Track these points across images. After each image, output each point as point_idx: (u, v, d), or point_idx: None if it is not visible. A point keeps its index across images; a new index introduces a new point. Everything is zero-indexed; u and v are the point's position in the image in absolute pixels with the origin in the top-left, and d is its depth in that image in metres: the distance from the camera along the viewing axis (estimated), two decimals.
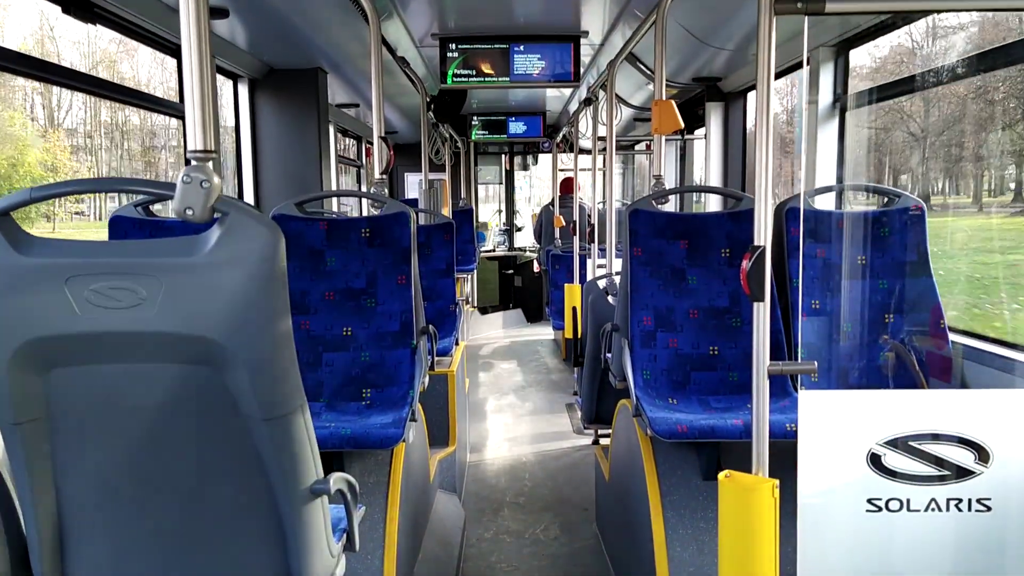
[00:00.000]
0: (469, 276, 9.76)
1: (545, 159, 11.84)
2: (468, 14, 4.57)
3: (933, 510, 1.74)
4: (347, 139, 8.17)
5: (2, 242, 1.32)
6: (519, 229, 12.03)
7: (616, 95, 4.83)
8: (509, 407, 6.50)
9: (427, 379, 3.22)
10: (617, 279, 4.05)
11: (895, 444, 1.73)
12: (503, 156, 11.62)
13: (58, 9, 2.96)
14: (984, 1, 2.11)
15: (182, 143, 4.73)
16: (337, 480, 1.67)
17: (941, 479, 1.73)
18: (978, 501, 1.73)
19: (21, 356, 1.35)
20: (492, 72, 5.03)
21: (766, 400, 1.84)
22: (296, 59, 4.87)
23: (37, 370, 1.38)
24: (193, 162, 1.39)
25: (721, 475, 1.82)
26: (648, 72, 5.34)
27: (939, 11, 3.09)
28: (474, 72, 5.03)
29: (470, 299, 10.23)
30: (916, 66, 3.83)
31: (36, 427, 1.44)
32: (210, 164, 1.38)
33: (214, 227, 1.34)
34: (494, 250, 11.66)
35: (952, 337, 2.98)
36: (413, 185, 10.63)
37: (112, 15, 3.22)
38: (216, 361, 1.37)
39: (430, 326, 3.26)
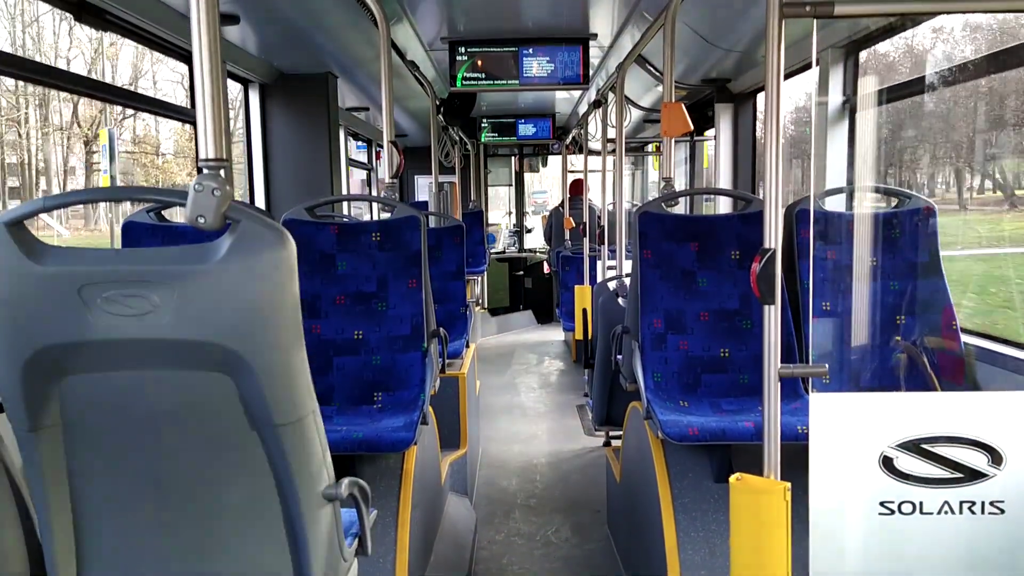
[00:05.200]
0: (479, 278, 9.77)
1: (555, 161, 11.86)
2: (477, 17, 4.58)
3: (946, 513, 1.73)
4: (357, 142, 8.20)
5: (16, 250, 1.33)
6: (529, 231, 12.04)
7: (625, 97, 4.82)
8: (520, 409, 6.50)
9: (438, 382, 3.22)
10: (627, 281, 4.05)
11: (907, 447, 1.72)
12: (513, 158, 11.63)
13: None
14: (994, 2, 2.09)
15: None
16: (349, 484, 1.67)
17: (954, 482, 1.73)
18: (991, 504, 1.73)
19: (35, 363, 1.37)
20: (501, 75, 5.04)
21: (777, 403, 1.83)
22: (306, 64, 4.89)
23: (51, 377, 1.40)
24: (205, 170, 1.40)
25: (732, 478, 1.82)
26: (657, 74, 5.33)
27: (948, 12, 3.08)
28: (483, 75, 5.04)
29: (480, 301, 10.24)
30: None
31: (51, 434, 1.45)
32: (222, 172, 1.39)
33: (226, 234, 1.35)
34: (504, 252, 11.67)
35: (964, 338, 2.96)
36: (423, 188, 10.64)
37: (124, 22, 3.24)
38: (228, 367, 1.38)
39: (441, 329, 3.26)
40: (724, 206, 5.87)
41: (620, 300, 4.40)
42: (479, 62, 5.01)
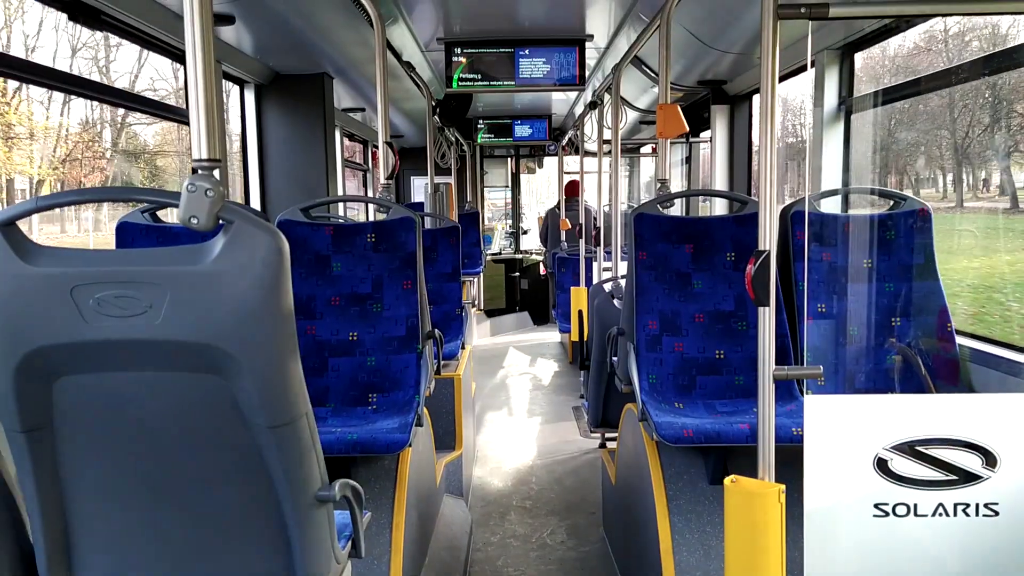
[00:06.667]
0: (475, 279, 9.76)
1: (550, 162, 11.87)
2: (473, 18, 4.58)
3: (940, 515, 1.73)
4: (353, 143, 8.19)
5: (8, 251, 1.33)
6: (525, 232, 12.05)
7: (621, 98, 4.83)
8: (515, 410, 6.50)
9: (433, 383, 3.22)
10: (623, 283, 4.04)
11: (902, 449, 1.72)
12: (509, 159, 11.64)
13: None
14: (989, 4, 2.09)
15: None
16: (342, 486, 1.67)
17: (948, 484, 1.73)
18: (985, 506, 1.73)
19: (27, 365, 1.36)
20: (498, 76, 5.04)
21: (772, 404, 1.83)
22: (302, 64, 4.89)
23: (43, 378, 1.39)
24: (198, 171, 1.39)
25: (727, 480, 1.82)
26: (653, 75, 5.34)
27: (943, 15, 3.08)
28: (480, 76, 5.04)
29: (476, 302, 10.24)
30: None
31: (43, 435, 1.44)
32: (215, 173, 1.39)
33: (219, 235, 1.34)
34: (500, 253, 11.67)
35: (959, 340, 2.97)
36: (419, 189, 10.65)
37: (118, 22, 3.24)
38: (221, 369, 1.37)
39: (436, 330, 3.26)
40: (720, 208, 5.88)
41: (616, 302, 4.40)
42: (475, 63, 5.01)
